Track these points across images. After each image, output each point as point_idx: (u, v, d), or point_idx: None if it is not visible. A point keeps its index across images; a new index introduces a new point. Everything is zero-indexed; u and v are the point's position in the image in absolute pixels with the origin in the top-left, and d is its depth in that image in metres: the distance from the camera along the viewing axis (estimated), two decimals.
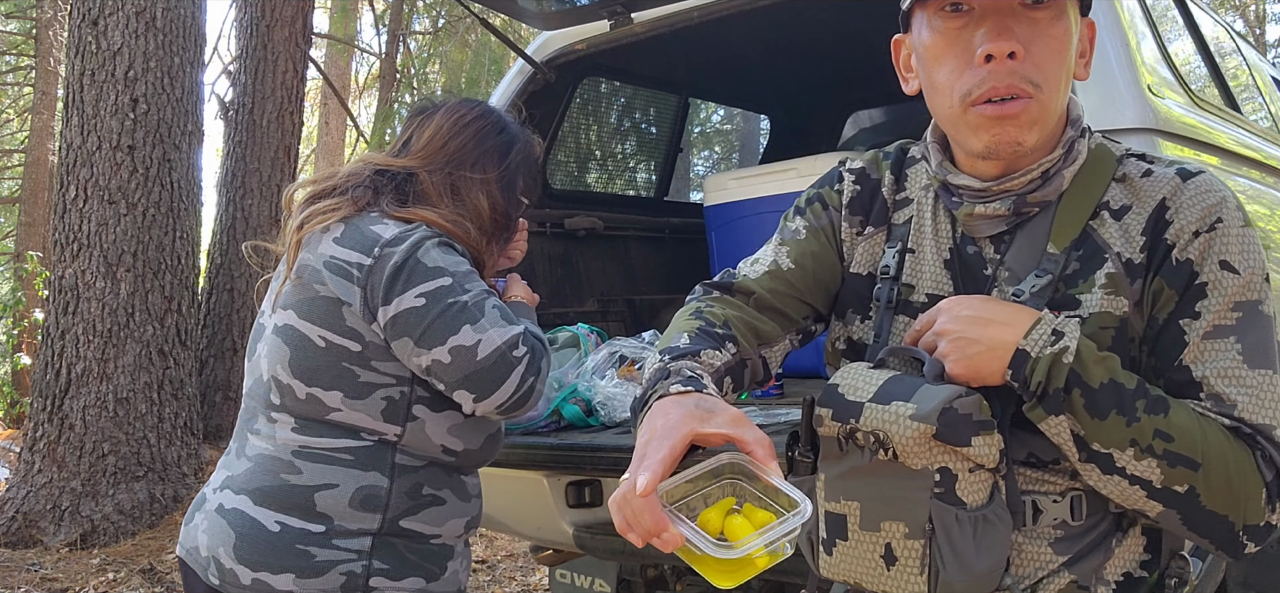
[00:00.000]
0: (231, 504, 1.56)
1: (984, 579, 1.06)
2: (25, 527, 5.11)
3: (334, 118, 13.65)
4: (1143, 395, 1.01)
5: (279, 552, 1.51)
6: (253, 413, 1.63)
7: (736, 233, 2.94)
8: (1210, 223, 1.06)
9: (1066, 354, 1.01)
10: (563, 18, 2.76)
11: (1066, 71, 1.09)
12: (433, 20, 12.84)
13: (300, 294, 1.58)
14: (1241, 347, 1.03)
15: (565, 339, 2.47)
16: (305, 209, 1.62)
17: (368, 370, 1.55)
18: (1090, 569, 1.11)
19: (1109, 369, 1.02)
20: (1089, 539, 1.11)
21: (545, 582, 4.40)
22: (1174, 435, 1.00)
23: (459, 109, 1.73)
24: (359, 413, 1.55)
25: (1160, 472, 1.00)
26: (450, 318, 1.51)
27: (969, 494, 1.04)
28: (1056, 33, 1.06)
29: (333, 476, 1.54)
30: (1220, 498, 1.00)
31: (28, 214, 12.33)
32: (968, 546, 1.04)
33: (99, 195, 5.35)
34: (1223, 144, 2.20)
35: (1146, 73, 1.94)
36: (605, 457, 2.06)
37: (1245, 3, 14.86)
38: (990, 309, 1.06)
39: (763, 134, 4.80)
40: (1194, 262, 1.06)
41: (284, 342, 1.58)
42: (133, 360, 5.34)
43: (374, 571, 1.53)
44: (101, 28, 5.43)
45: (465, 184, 1.66)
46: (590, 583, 2.85)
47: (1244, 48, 3.59)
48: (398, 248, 1.53)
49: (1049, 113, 1.08)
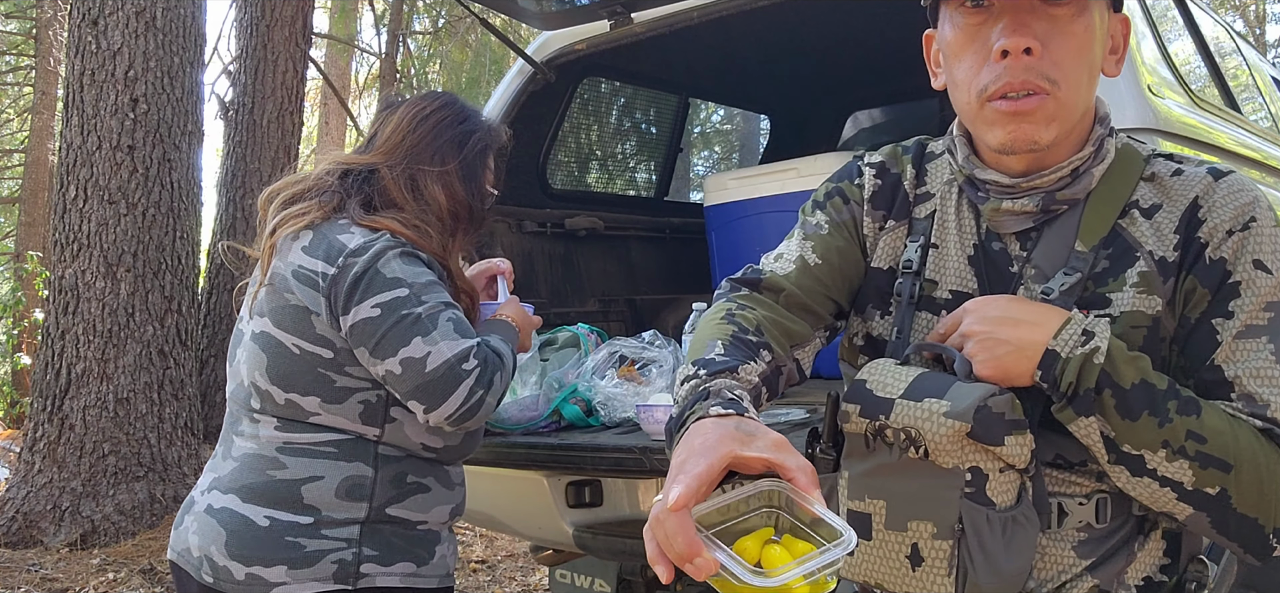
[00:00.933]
0: (220, 503, 1.58)
1: (1012, 581, 1.04)
2: (25, 527, 5.11)
3: (334, 118, 13.65)
4: (1174, 397, 1.00)
5: (270, 545, 1.53)
6: (236, 416, 1.65)
7: (736, 233, 2.94)
8: (1244, 222, 1.05)
9: (1097, 355, 0.99)
10: (563, 18, 2.76)
11: (1089, 68, 1.07)
12: (433, 20, 12.84)
13: (273, 302, 1.60)
14: (1274, 347, 1.02)
15: (565, 339, 2.47)
16: (278, 215, 1.64)
17: (343, 376, 1.57)
18: (1113, 573, 1.10)
19: (1140, 370, 1.01)
20: (1112, 543, 1.10)
21: (545, 582, 4.40)
22: (1207, 437, 0.98)
23: (420, 103, 1.74)
24: (337, 416, 1.58)
25: (1192, 474, 0.99)
26: (403, 329, 1.52)
27: (999, 495, 1.03)
28: (1076, 29, 1.05)
29: (317, 468, 1.56)
30: (1251, 501, 0.98)
31: (28, 214, 12.33)
32: (997, 547, 1.03)
33: (99, 195, 5.35)
34: (1223, 144, 2.20)
35: (1146, 73, 1.94)
36: (605, 457, 2.06)
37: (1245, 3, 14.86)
38: (1018, 309, 1.05)
39: (763, 134, 4.80)
40: (1228, 260, 1.05)
41: (261, 348, 1.60)
42: (133, 361, 5.34)
43: (364, 558, 1.56)
44: (101, 28, 5.42)
45: (424, 177, 1.68)
46: (590, 583, 2.85)
47: (1244, 48, 3.59)
48: (360, 258, 1.54)
49: (1068, 109, 1.07)
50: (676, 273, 3.53)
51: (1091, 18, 1.06)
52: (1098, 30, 1.07)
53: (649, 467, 1.93)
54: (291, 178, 1.73)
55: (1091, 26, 1.06)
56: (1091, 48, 1.07)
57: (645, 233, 3.55)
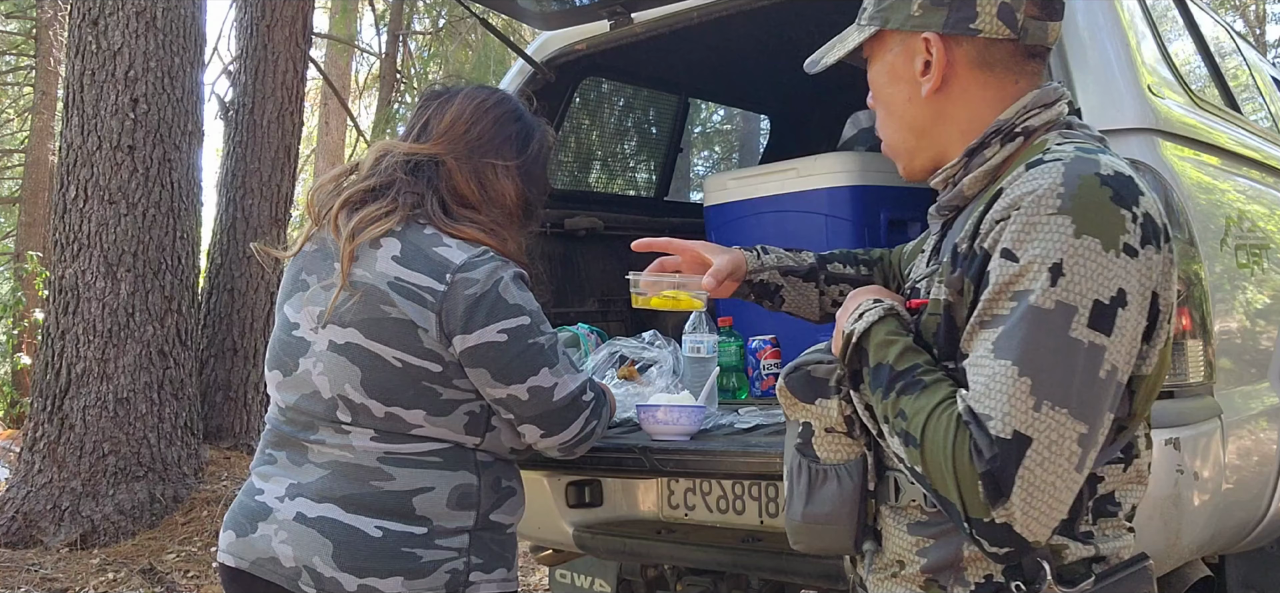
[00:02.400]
0: (315, 512, 1.54)
1: (816, 528, 1.23)
2: (25, 527, 5.11)
3: (334, 118, 13.65)
4: (905, 378, 1.08)
5: (385, 556, 1.52)
6: (308, 425, 1.60)
7: (736, 233, 2.94)
8: (1009, 211, 1.05)
9: (855, 336, 1.15)
10: (563, 18, 2.76)
11: (889, 107, 1.25)
12: (433, 20, 12.83)
13: (364, 313, 1.56)
14: (996, 335, 1.02)
15: (565, 339, 2.47)
16: (351, 216, 1.59)
17: (449, 388, 1.57)
18: (946, 563, 1.13)
19: (889, 351, 1.11)
20: (942, 529, 1.14)
21: (545, 582, 4.40)
22: (908, 415, 1.06)
23: (478, 95, 1.73)
24: (442, 428, 1.58)
25: (902, 448, 1.08)
26: (531, 358, 1.58)
27: (824, 451, 1.23)
28: (880, 83, 1.26)
29: (426, 479, 1.56)
30: (939, 481, 1.02)
31: (28, 214, 12.34)
32: (799, 492, 1.24)
33: (99, 195, 5.36)
34: (1223, 144, 2.20)
35: (1146, 73, 1.94)
36: (605, 457, 2.06)
37: (1245, 3, 14.86)
38: (856, 297, 1.22)
39: (763, 134, 4.80)
40: (989, 250, 1.06)
41: (351, 361, 1.56)
42: (133, 361, 5.34)
43: (473, 566, 1.58)
44: (102, 28, 5.43)
45: (490, 172, 1.67)
46: (590, 583, 2.85)
47: (1244, 48, 3.59)
48: (472, 275, 1.55)
49: (893, 149, 1.27)
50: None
51: (887, 63, 1.24)
52: (895, 67, 1.23)
53: (649, 467, 1.93)
54: (344, 169, 1.71)
55: (890, 73, 1.24)
56: (896, 92, 1.23)
57: (645, 233, 3.54)
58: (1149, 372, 1.09)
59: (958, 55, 1.17)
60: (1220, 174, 2.13)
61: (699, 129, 5.26)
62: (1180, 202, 1.78)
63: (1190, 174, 1.91)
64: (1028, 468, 0.97)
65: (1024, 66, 1.18)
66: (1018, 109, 1.16)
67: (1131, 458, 1.14)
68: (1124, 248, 1.00)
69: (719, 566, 2.35)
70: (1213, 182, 2.06)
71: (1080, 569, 1.09)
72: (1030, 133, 1.16)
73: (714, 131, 5.55)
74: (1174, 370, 1.70)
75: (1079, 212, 1.01)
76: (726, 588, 2.54)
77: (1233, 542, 1.99)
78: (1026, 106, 1.16)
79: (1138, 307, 1.02)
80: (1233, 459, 1.80)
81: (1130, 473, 1.14)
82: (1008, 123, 1.16)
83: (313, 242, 1.68)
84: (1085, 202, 1.01)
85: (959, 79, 1.18)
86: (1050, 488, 0.98)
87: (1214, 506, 1.75)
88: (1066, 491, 0.99)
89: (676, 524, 2.34)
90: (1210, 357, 1.75)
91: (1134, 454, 1.15)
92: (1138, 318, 1.02)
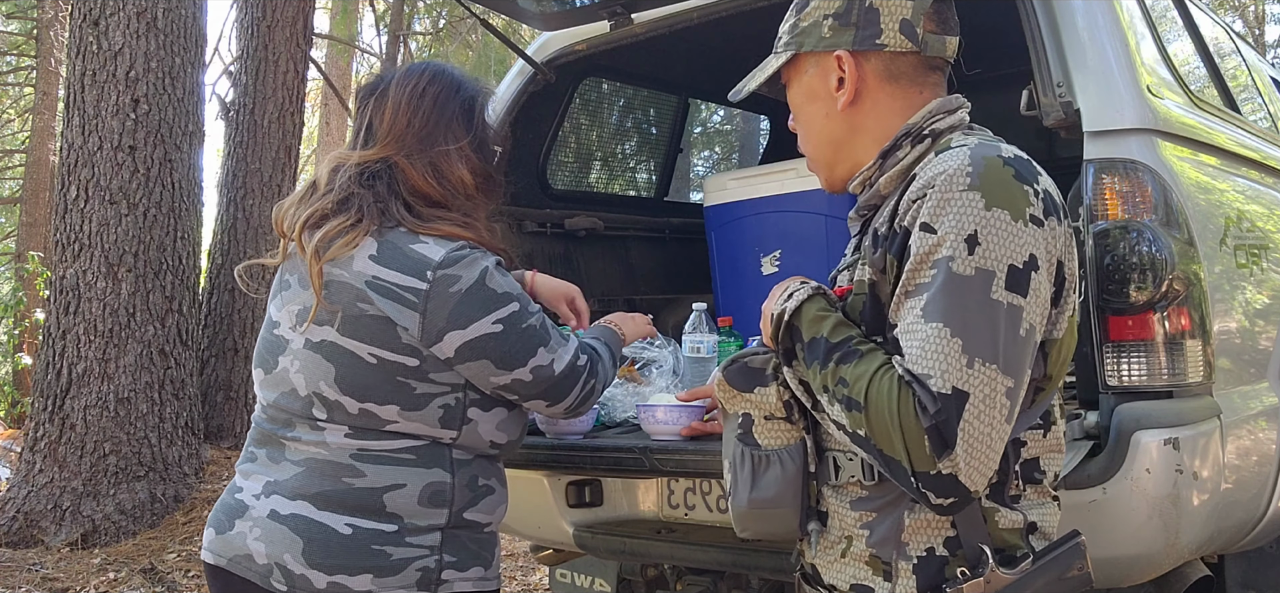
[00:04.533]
0: (288, 510, 1.54)
1: (764, 512, 1.27)
2: (26, 527, 5.12)
3: (334, 118, 13.65)
4: (841, 349, 1.16)
5: (354, 553, 1.52)
6: (286, 422, 1.61)
7: (736, 233, 2.95)
8: (925, 190, 1.15)
9: (785, 314, 1.21)
10: (563, 18, 2.76)
11: (819, 125, 1.33)
12: (433, 21, 12.84)
13: (342, 311, 1.56)
14: (922, 301, 1.11)
15: None
16: (314, 235, 1.58)
17: (425, 382, 1.57)
18: (887, 535, 1.20)
19: (819, 328, 1.18)
20: (883, 501, 1.21)
21: (545, 582, 4.40)
22: (850, 382, 1.13)
23: (409, 80, 1.69)
24: (416, 422, 1.58)
25: (844, 414, 1.14)
26: (528, 340, 1.61)
27: (764, 438, 1.27)
28: (799, 103, 1.36)
29: (398, 476, 1.56)
30: (884, 440, 1.09)
31: (29, 214, 12.34)
32: (744, 479, 1.28)
33: (100, 196, 5.36)
34: (1222, 144, 2.20)
35: (1146, 73, 1.94)
36: (605, 457, 2.06)
37: (1245, 3, 14.86)
38: (782, 286, 1.27)
39: (763, 134, 4.81)
40: (909, 226, 1.15)
41: (326, 359, 1.57)
42: (134, 360, 5.35)
43: (445, 564, 1.58)
44: (102, 28, 5.43)
45: (444, 161, 1.66)
46: (590, 583, 2.86)
47: (1244, 48, 3.59)
48: (454, 272, 1.55)
49: (814, 162, 1.37)
50: (676, 273, 3.53)
51: (802, 83, 1.34)
52: (812, 87, 1.32)
53: (649, 467, 1.94)
54: (302, 193, 1.68)
55: (808, 95, 1.33)
56: (813, 113, 1.33)
57: (645, 233, 3.54)
58: (1059, 336, 1.18)
59: (867, 70, 1.29)
60: (1219, 174, 2.13)
61: (699, 129, 5.26)
62: (1179, 202, 1.78)
63: (1189, 174, 1.90)
64: (967, 421, 1.06)
65: (927, 78, 1.30)
66: (924, 114, 1.27)
67: (1049, 425, 1.24)
68: (1030, 218, 1.11)
69: (719, 565, 2.36)
70: (1212, 182, 2.06)
71: (1016, 542, 1.19)
72: (937, 135, 1.26)
73: (714, 131, 5.56)
74: (1174, 370, 1.70)
75: (987, 188, 1.11)
76: (726, 588, 2.54)
77: (1232, 542, 1.99)
78: (932, 112, 1.27)
79: (1047, 271, 1.12)
80: (1232, 459, 1.80)
81: (1050, 440, 1.24)
82: (917, 126, 1.26)
83: None
84: (991, 179, 1.12)
85: (870, 92, 1.29)
86: (986, 438, 1.07)
87: (1213, 505, 1.75)
88: (999, 440, 1.09)
89: (676, 524, 2.34)
90: (1209, 357, 1.75)
91: (1051, 421, 1.24)
92: (1047, 282, 1.13)
